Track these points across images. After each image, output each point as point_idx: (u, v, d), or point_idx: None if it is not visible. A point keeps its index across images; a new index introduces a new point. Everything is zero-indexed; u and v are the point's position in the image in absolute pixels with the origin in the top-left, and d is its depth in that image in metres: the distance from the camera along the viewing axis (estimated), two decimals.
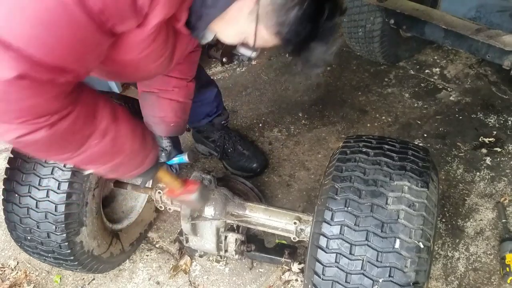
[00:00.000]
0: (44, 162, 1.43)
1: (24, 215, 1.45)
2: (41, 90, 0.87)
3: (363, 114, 2.63)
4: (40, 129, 0.91)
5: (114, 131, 1.08)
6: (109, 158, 1.14)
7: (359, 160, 1.24)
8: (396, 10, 2.38)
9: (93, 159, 1.10)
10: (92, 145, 1.05)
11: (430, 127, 2.52)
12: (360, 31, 2.69)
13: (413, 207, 1.14)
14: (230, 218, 1.55)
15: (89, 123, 1.02)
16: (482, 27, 2.17)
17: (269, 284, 1.84)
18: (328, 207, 1.18)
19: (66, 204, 1.43)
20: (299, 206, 2.13)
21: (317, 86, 2.86)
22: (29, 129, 0.90)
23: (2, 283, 1.90)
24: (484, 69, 2.91)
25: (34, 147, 0.98)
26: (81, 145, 1.03)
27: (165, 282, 1.88)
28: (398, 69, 2.96)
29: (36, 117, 0.89)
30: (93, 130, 1.03)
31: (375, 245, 1.11)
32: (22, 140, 0.92)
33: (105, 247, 1.71)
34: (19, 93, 0.84)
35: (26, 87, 0.84)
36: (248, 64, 3.08)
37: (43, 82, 0.86)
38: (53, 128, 0.92)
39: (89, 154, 1.06)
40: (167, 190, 1.54)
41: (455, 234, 1.98)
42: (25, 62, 0.82)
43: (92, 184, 1.51)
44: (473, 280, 1.82)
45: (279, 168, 2.32)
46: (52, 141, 0.96)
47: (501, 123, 2.51)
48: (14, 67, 0.81)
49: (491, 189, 2.16)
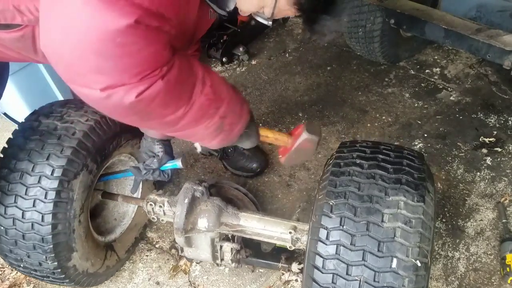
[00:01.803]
0: (24, 194, 1.39)
1: (13, 246, 1.45)
2: (154, 37, 0.92)
3: (363, 114, 2.62)
4: (156, 81, 0.95)
5: (209, 78, 1.13)
6: (215, 107, 1.16)
7: (353, 174, 1.22)
8: (396, 10, 2.38)
9: (202, 111, 1.13)
10: (198, 93, 1.09)
11: (430, 127, 2.51)
12: (360, 31, 2.69)
13: (410, 224, 1.12)
14: (224, 229, 1.53)
15: (190, 72, 1.08)
16: (483, 27, 2.17)
17: (269, 284, 1.84)
18: (323, 225, 1.16)
19: (52, 235, 1.41)
20: (299, 206, 2.13)
21: (317, 86, 2.86)
22: (148, 83, 0.94)
23: (2, 283, 1.89)
24: (484, 69, 2.91)
25: (154, 104, 1.00)
26: (190, 95, 1.08)
27: (165, 282, 1.88)
28: (398, 69, 2.96)
29: (153, 70, 0.94)
30: (195, 79, 1.09)
31: (372, 265, 1.10)
32: (144, 97, 0.95)
33: (100, 264, 1.70)
34: (136, 42, 0.88)
35: (142, 35, 0.88)
36: (248, 64, 3.08)
37: (154, 29, 0.90)
38: (166, 78, 0.97)
39: (199, 104, 1.10)
40: (280, 152, 1.49)
41: (456, 234, 1.98)
42: (137, 8, 0.85)
43: (76, 211, 1.48)
44: (474, 280, 1.81)
45: (279, 168, 2.32)
46: (168, 92, 1.00)
47: (501, 123, 2.51)
48: (130, 12, 0.85)
49: (492, 189, 2.16)
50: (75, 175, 1.44)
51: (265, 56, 3.15)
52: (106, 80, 0.91)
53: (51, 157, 1.40)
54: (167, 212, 1.62)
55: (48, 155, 1.40)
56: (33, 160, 1.40)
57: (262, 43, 3.26)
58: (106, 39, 0.85)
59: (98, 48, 0.86)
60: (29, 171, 1.40)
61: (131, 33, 0.86)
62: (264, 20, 1.20)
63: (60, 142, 1.42)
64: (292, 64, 3.05)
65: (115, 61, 0.89)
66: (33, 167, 1.40)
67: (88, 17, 0.84)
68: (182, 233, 1.49)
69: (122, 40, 0.85)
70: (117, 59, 0.88)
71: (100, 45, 0.86)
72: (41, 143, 1.42)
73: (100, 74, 0.91)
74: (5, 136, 1.53)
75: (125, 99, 0.94)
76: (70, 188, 1.43)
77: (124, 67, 0.90)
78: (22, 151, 1.42)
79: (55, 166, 1.40)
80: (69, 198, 1.44)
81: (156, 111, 1.04)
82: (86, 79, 0.92)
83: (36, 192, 1.39)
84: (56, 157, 1.40)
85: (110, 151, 1.60)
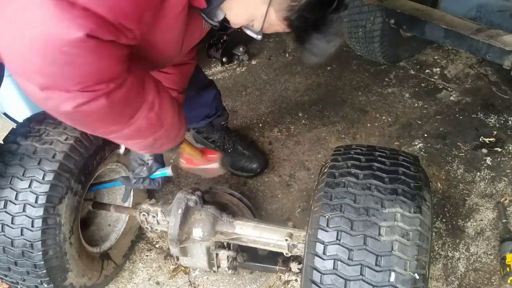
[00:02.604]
0: (11, 223, 1.37)
1: (7, 272, 1.44)
2: (105, 52, 0.87)
3: (363, 114, 2.62)
4: (99, 97, 0.91)
5: (158, 104, 1.09)
6: (152, 131, 1.14)
7: (349, 185, 1.20)
8: (396, 10, 2.38)
9: (138, 132, 1.10)
10: (141, 117, 1.06)
11: (430, 127, 2.51)
12: (360, 31, 2.69)
13: (407, 237, 1.11)
14: (220, 237, 1.52)
15: (140, 94, 1.03)
16: (483, 27, 2.17)
17: (269, 284, 1.84)
18: (319, 239, 1.15)
19: (44, 261, 1.39)
20: (299, 206, 2.13)
21: (317, 86, 2.86)
22: (89, 97, 0.90)
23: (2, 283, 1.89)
24: (484, 69, 2.91)
25: (91, 118, 0.96)
26: (131, 116, 1.04)
27: (165, 282, 1.88)
28: (398, 69, 2.96)
29: (97, 83, 0.89)
30: (142, 102, 1.04)
31: (370, 279, 1.08)
32: (81, 110, 0.91)
33: (97, 276, 1.69)
34: (83, 55, 0.84)
35: (92, 49, 0.84)
36: (248, 64, 3.08)
37: (107, 42, 0.86)
38: (111, 97, 0.92)
39: (137, 126, 1.07)
40: (186, 160, 1.51)
41: (456, 234, 1.98)
42: (92, 20, 0.82)
43: (66, 235, 1.45)
44: (474, 280, 1.81)
45: (279, 168, 2.32)
46: (108, 111, 0.96)
47: (501, 123, 2.51)
48: (82, 25, 0.81)
49: (492, 189, 2.16)
50: (60, 200, 1.41)
51: (265, 56, 3.15)
52: (46, 82, 0.87)
53: (34, 183, 1.36)
54: (160, 221, 1.60)
55: (30, 182, 1.36)
56: (16, 187, 1.37)
57: (262, 43, 3.26)
58: (52, 46, 0.82)
59: (44, 52, 0.83)
60: (12, 199, 1.36)
61: (79, 46, 0.82)
62: (254, 34, 1.17)
63: (41, 167, 1.38)
64: (292, 64, 3.05)
65: (59, 67, 0.85)
66: (16, 195, 1.36)
67: (40, 21, 0.81)
68: (177, 243, 1.49)
69: (69, 51, 0.82)
70: (61, 66, 0.84)
71: (46, 51, 0.82)
72: (21, 169, 1.38)
73: (42, 75, 0.87)
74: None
75: (62, 106, 0.90)
76: (57, 213, 1.40)
77: (66, 75, 0.86)
78: (4, 178, 1.38)
79: (39, 193, 1.36)
80: (56, 224, 1.41)
81: (90, 124, 1.01)
82: (28, 75, 0.88)
83: (22, 220, 1.36)
84: (39, 183, 1.36)
85: (95, 167, 1.56)
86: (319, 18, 1.08)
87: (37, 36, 0.82)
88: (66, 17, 0.80)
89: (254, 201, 2.13)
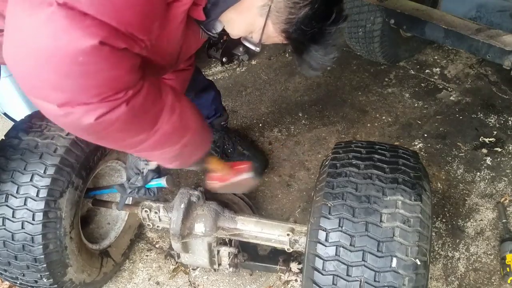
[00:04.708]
0: (12, 216, 1.37)
1: (7, 266, 1.44)
2: (119, 60, 0.87)
3: (363, 114, 2.62)
4: (120, 105, 0.90)
5: (179, 106, 1.08)
6: (179, 137, 1.12)
7: (350, 175, 1.22)
8: (396, 10, 2.38)
9: (165, 139, 1.09)
10: (164, 122, 1.04)
11: (430, 127, 2.51)
12: (360, 31, 2.69)
13: (408, 223, 1.13)
14: (222, 233, 1.52)
15: (158, 99, 1.02)
16: (482, 27, 2.17)
17: (269, 284, 1.84)
18: (322, 227, 1.16)
19: (45, 255, 1.40)
20: (299, 206, 2.13)
21: (317, 86, 2.86)
22: (109, 106, 0.89)
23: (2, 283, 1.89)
24: (484, 69, 2.91)
25: (114, 127, 0.94)
26: (155, 122, 1.03)
27: (165, 282, 1.88)
28: (398, 69, 2.96)
29: (116, 92, 0.89)
30: (162, 106, 1.03)
31: (372, 265, 1.10)
32: (103, 120, 0.90)
33: (96, 272, 1.69)
34: (99, 63, 0.83)
35: (106, 57, 0.84)
36: (248, 64, 3.08)
37: (120, 50, 0.86)
38: (130, 104, 0.92)
39: (162, 132, 1.05)
40: (215, 178, 1.47)
41: (456, 234, 1.98)
42: (104, 28, 0.82)
43: (66, 229, 1.46)
44: (474, 280, 1.81)
45: (279, 168, 2.32)
46: (130, 118, 0.95)
47: (501, 123, 2.51)
48: (95, 34, 0.81)
49: (492, 189, 2.16)
50: (61, 194, 1.41)
51: (265, 56, 3.15)
52: (64, 97, 0.86)
53: (35, 177, 1.37)
54: (162, 218, 1.60)
55: (31, 176, 1.37)
56: (17, 181, 1.38)
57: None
58: (67, 58, 0.81)
59: (58, 66, 0.82)
60: (14, 193, 1.37)
61: (95, 54, 0.81)
62: (252, 46, 1.16)
63: (43, 161, 1.38)
64: (292, 64, 3.05)
65: (75, 80, 0.84)
66: (17, 189, 1.37)
67: (51, 34, 0.80)
68: (179, 238, 1.48)
69: (84, 60, 0.81)
70: (77, 78, 0.84)
71: (60, 64, 0.82)
72: (23, 163, 1.39)
73: (58, 91, 0.86)
74: None
75: (83, 119, 0.89)
76: (57, 207, 1.41)
77: (84, 87, 0.85)
78: (5, 172, 1.39)
79: (40, 187, 1.37)
80: (57, 217, 1.42)
81: (114, 135, 0.98)
82: (43, 93, 0.88)
83: (23, 214, 1.37)
84: (40, 177, 1.37)
85: (95, 163, 1.56)
86: (318, 31, 1.07)
87: (49, 51, 0.81)
88: (78, 26, 0.80)
89: (254, 201, 2.13)
